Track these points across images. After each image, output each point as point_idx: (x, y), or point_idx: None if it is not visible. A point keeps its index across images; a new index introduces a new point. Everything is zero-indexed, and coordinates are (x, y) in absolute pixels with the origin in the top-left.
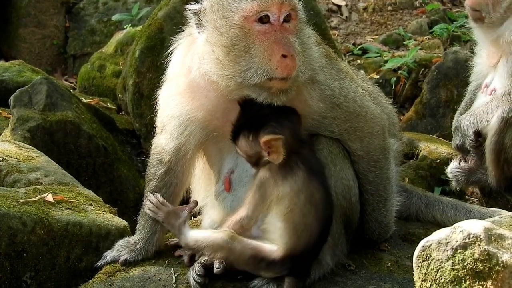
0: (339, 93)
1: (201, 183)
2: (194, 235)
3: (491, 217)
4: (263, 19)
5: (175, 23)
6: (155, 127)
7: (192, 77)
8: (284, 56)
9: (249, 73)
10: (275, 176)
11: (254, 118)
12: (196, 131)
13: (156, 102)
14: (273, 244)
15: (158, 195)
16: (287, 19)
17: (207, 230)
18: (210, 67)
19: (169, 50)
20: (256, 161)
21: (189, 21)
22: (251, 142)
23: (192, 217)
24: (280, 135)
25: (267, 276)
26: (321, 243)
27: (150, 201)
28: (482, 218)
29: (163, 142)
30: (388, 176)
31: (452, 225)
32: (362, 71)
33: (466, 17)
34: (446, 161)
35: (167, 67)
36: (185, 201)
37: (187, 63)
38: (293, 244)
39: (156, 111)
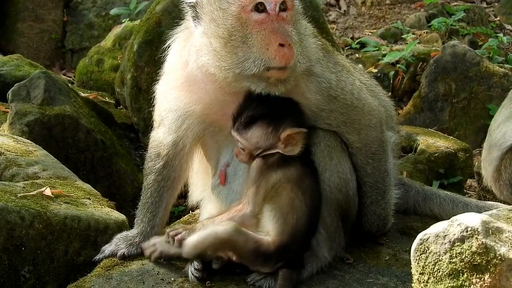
0: (336, 85)
1: (199, 177)
2: (191, 241)
3: (489, 210)
4: (259, 7)
5: (173, 17)
6: (153, 121)
7: (189, 71)
8: (281, 45)
9: (247, 63)
10: (270, 168)
11: (273, 110)
12: (194, 124)
13: (154, 96)
14: (265, 234)
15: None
16: (283, 8)
17: (205, 229)
18: (207, 59)
19: (166, 44)
20: (257, 155)
21: (186, 14)
22: (269, 133)
23: (191, 211)
24: (304, 129)
25: (264, 271)
26: (310, 232)
27: (145, 247)
28: (479, 212)
29: (161, 136)
30: (386, 168)
31: (449, 218)
32: (360, 65)
33: (464, 10)
34: (444, 155)
35: (164, 61)
36: (183, 194)
37: (185, 56)
38: (280, 229)
39: (154, 105)
